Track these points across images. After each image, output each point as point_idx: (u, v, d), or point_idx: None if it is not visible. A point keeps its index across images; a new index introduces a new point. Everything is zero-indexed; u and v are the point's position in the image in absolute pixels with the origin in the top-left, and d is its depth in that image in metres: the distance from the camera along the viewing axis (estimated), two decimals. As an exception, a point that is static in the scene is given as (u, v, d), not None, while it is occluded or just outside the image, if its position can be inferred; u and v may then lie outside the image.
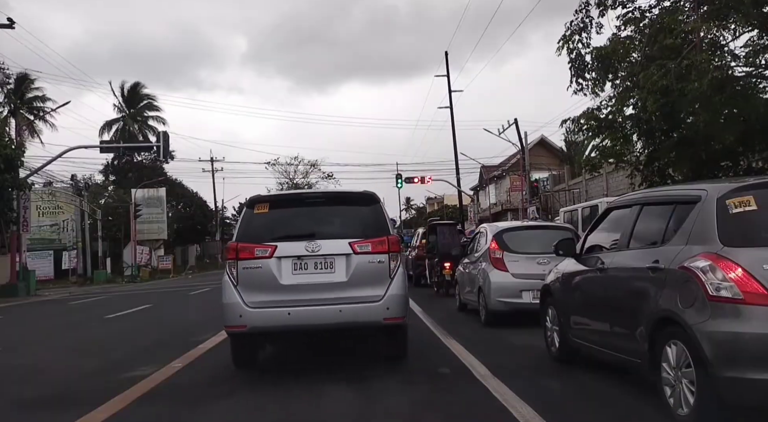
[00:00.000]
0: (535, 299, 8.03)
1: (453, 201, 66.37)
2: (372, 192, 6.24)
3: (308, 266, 5.64)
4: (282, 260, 5.61)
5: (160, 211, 43.95)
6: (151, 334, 9.97)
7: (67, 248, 38.40)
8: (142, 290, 25.68)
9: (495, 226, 9.29)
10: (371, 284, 5.61)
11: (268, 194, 6.85)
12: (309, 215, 6.12)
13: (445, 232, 13.50)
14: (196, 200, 60.56)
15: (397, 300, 5.68)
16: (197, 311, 13.99)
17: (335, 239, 5.69)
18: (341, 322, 5.57)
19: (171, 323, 11.65)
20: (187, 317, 12.59)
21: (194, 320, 11.83)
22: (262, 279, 5.60)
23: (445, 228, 13.66)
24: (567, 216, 13.25)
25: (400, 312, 5.71)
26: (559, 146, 49.20)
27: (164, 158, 30.03)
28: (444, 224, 14.51)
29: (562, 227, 9.10)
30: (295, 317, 5.54)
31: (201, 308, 14.77)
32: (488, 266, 8.52)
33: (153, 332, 10.31)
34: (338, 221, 6.12)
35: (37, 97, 48.84)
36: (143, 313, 14.10)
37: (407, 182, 41.23)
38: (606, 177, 30.59)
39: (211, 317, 12.21)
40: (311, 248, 5.62)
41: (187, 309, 14.69)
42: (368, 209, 6.10)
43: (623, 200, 5.07)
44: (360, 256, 5.63)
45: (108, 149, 26.57)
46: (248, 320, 5.60)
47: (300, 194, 7.54)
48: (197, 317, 12.41)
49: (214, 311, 13.33)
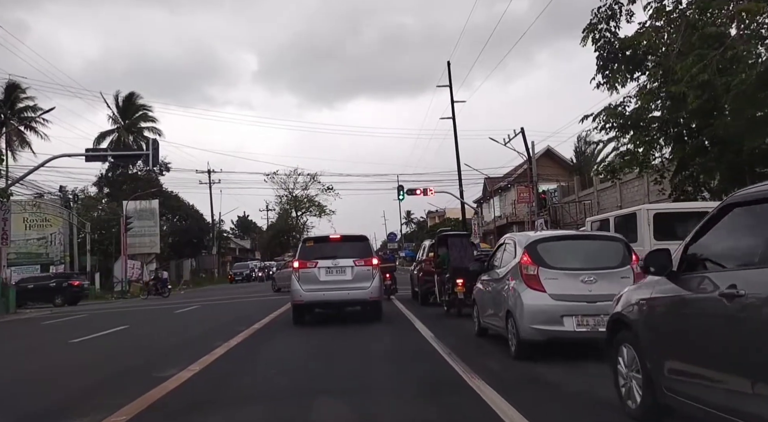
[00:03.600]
0: (580, 327, 6.45)
1: (455, 214, 64.85)
2: (364, 235, 12.70)
3: (333, 272, 11.31)
4: (320, 268, 11.32)
5: (152, 224, 42.32)
6: (106, 366, 8.31)
7: (54, 262, 36.73)
8: (128, 307, 24.01)
9: (525, 236, 7.67)
10: (363, 281, 11.35)
11: (313, 236, 14.88)
12: (333, 246, 11.85)
13: (458, 244, 11.92)
14: (192, 212, 58.92)
15: (376, 289, 11.49)
16: (177, 333, 12.36)
17: (346, 259, 11.39)
18: (349, 299, 11.49)
19: (138, 349, 9.99)
20: (160, 342, 10.95)
21: (167, 346, 10.20)
22: (311, 278, 11.31)
23: (458, 240, 12.08)
24: (595, 226, 11.62)
25: (377, 295, 11.63)
26: (567, 157, 47.88)
27: (154, 167, 28.54)
28: (456, 236, 12.92)
29: (610, 237, 7.48)
30: (326, 296, 11.34)
31: (182, 329, 13.13)
32: (519, 285, 6.92)
33: (111, 362, 8.65)
34: (347, 249, 11.61)
35: (28, 107, 47.50)
36: (114, 336, 12.45)
37: (409, 194, 39.60)
38: (620, 187, 29.05)
39: (190, 340, 10.72)
40: (334, 263, 11.35)
41: (166, 331, 13.05)
42: (362, 244, 12.03)
43: (761, 190, 3.24)
44: (358, 267, 11.37)
45: (94, 158, 25.04)
46: (304, 297, 11.38)
47: (329, 236, 13.01)
48: (173, 341, 10.79)
49: (196, 333, 11.82)
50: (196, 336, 11.30)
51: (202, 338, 10.82)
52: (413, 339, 9.67)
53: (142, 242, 41.60)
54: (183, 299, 26.94)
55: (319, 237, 13.19)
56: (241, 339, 10.06)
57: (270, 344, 9.64)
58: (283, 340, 10.03)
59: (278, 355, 8.49)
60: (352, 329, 11.38)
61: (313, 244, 12.09)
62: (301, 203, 77.87)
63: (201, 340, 10.41)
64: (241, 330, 11.34)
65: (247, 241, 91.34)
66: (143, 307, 23.08)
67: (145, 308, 22.51)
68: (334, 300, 11.46)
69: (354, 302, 11.73)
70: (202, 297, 27.72)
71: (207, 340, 10.14)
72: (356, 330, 11.26)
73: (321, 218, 75.68)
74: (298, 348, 9.11)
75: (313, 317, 12.35)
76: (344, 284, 11.25)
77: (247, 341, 9.91)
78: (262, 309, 16.54)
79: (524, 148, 34.54)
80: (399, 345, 9.21)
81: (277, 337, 10.48)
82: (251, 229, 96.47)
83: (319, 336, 10.54)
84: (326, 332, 11.14)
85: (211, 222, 62.15)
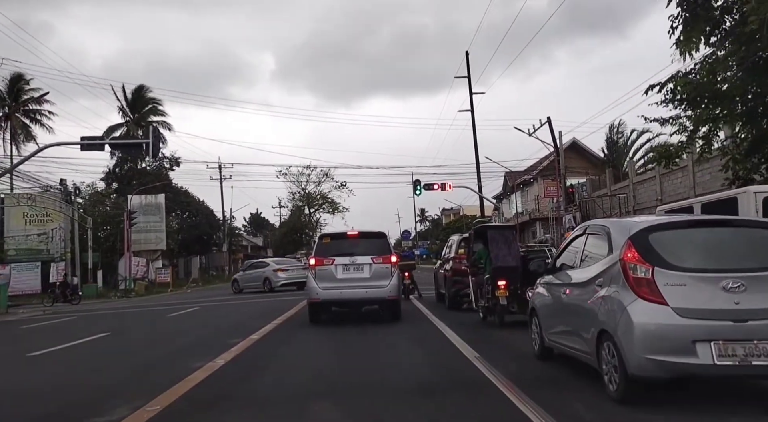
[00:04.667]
0: (722, 359, 4.22)
1: (472, 211, 62.40)
2: (382, 232, 12.23)
3: (351, 269, 11.10)
4: (337, 266, 11.09)
5: (158, 219, 40.42)
6: (41, 399, 6.14)
7: (54, 259, 34.98)
8: (125, 308, 22.07)
9: (626, 222, 5.35)
10: (381, 279, 11.06)
11: (329, 233, 14.16)
12: (350, 243, 11.50)
13: (500, 239, 9.67)
14: (203, 208, 57.07)
15: (395, 287, 11.25)
16: (157, 345, 10.24)
17: (364, 256, 11.15)
18: (366, 298, 11.25)
19: (94, 373, 7.74)
20: (130, 358, 8.78)
21: (134, 366, 8.01)
22: (327, 276, 11.09)
23: (500, 234, 9.81)
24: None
25: (396, 293, 11.42)
26: (594, 150, 45.32)
27: (154, 157, 26.63)
28: (498, 228, 10.60)
29: (755, 223, 5.17)
30: (344, 294, 11.08)
31: (166, 339, 11.04)
32: (622, 294, 4.67)
33: (50, 393, 6.43)
34: (365, 246, 11.33)
35: (33, 98, 45.91)
36: (84, 348, 10.35)
37: (426, 189, 37.19)
38: (660, 180, 26.57)
39: (168, 357, 8.54)
40: (352, 260, 11.10)
41: (146, 341, 10.93)
42: (380, 241, 11.65)
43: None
44: (376, 264, 11.10)
45: (90, 146, 23.02)
46: (320, 296, 11.12)
47: (345, 233, 12.23)
48: (145, 358, 8.64)
49: (179, 345, 9.69)
50: (177, 350, 9.17)
51: (183, 353, 8.72)
52: (450, 356, 7.53)
53: (148, 239, 39.75)
54: (185, 299, 24.98)
55: (336, 234, 12.59)
56: (232, 357, 7.93)
57: (263, 367, 7.47)
58: (282, 362, 7.81)
59: (272, 387, 6.28)
60: (371, 342, 9.25)
61: (329, 241, 11.72)
62: (314, 200, 76.02)
63: (181, 356, 8.31)
64: (234, 342, 9.24)
65: (260, 238, 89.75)
66: (141, 308, 21.10)
67: (142, 309, 20.53)
68: (351, 299, 11.15)
69: (372, 301, 11.40)
70: (206, 297, 25.72)
71: (188, 356, 8.05)
72: (376, 342, 9.11)
73: (334, 215, 73.78)
74: (299, 374, 6.87)
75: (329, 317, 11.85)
76: (362, 282, 10.93)
77: (238, 360, 7.77)
78: (266, 313, 14.46)
79: (551, 139, 32.36)
80: (433, 366, 7.06)
81: (276, 356, 8.31)
82: (264, 226, 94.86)
83: (329, 354, 8.38)
84: (339, 348, 8.99)
85: (222, 218, 60.38)
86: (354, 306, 11.90)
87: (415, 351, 8.22)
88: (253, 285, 26.49)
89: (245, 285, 27.17)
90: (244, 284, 27.29)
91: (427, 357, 7.79)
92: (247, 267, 29.96)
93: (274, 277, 25.33)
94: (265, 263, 27.95)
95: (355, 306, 11.90)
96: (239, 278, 28.43)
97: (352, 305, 11.82)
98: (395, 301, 11.35)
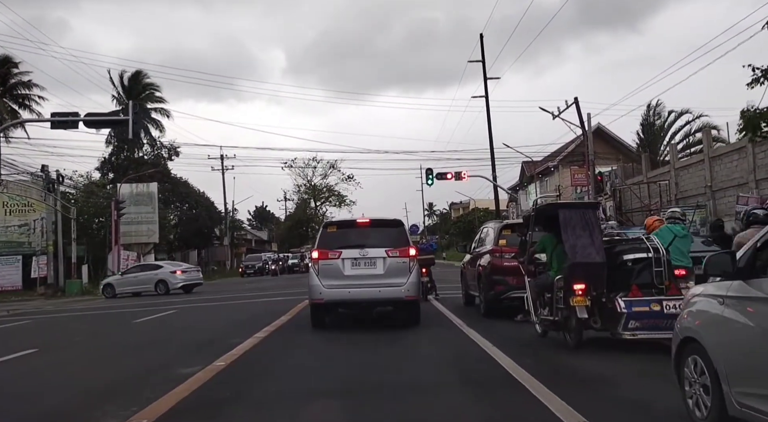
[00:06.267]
0: None
1: (484, 205, 59.05)
2: (399, 219, 10.19)
3: (361, 264, 9.26)
4: (345, 260, 9.26)
5: (150, 209, 37.44)
6: None
7: (36, 253, 32.15)
8: (97, 309, 19.20)
9: None
10: (398, 275, 9.17)
11: (335, 221, 12.54)
12: (361, 233, 9.72)
13: (577, 222, 6.54)
14: (203, 200, 54.22)
15: (413, 286, 9.29)
16: (88, 373, 7.19)
17: (377, 248, 9.27)
18: (380, 298, 9.36)
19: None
20: (23, 402, 5.73)
21: (47, 407, 5.02)
22: (333, 271, 9.24)
23: (579, 215, 6.59)
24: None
25: (415, 293, 9.42)
26: (619, 136, 41.95)
27: (133, 137, 23.65)
28: (575, 207, 7.25)
29: None
30: (353, 294, 9.26)
31: (104, 362, 8.00)
32: None
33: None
34: (378, 237, 9.53)
35: (21, 82, 43.12)
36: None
37: (439, 178, 33.87)
38: (710, 163, 23.30)
39: (85, 396, 5.64)
40: (362, 253, 9.25)
41: (75, 366, 7.81)
42: (396, 230, 9.76)
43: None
44: (391, 258, 9.22)
45: (62, 123, 20.16)
46: (325, 295, 9.25)
47: (355, 220, 10.43)
48: (54, 399, 5.63)
49: (118, 372, 6.76)
50: (99, 390, 6.06)
51: (104, 396, 5.68)
52: (518, 404, 4.51)
53: (139, 231, 36.83)
54: (171, 298, 22.06)
55: (344, 221, 11.03)
56: (169, 407, 4.89)
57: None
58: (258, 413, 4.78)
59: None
60: (391, 366, 6.23)
61: (336, 230, 9.99)
62: (320, 193, 73.34)
63: (98, 401, 5.28)
64: (188, 372, 6.22)
65: (264, 232, 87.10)
66: (109, 310, 18.16)
67: (108, 312, 17.59)
68: (361, 299, 9.50)
69: (386, 302, 9.71)
70: (195, 296, 22.78)
71: (109, 400, 5.04)
72: (398, 366, 6.08)
73: (341, 208, 71.02)
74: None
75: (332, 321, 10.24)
76: (374, 279, 9.21)
77: (190, 402, 4.74)
78: (255, 319, 11.53)
79: (577, 123, 29.25)
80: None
81: (252, 395, 5.27)
82: (269, 220, 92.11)
83: (326, 401, 5.32)
84: (346, 376, 5.96)
85: (224, 211, 57.51)
86: (364, 308, 10.12)
87: (457, 390, 5.22)
88: (139, 289, 25.47)
89: (123, 290, 25.49)
90: (122, 289, 25.55)
91: (480, 402, 4.76)
92: (131, 269, 28.01)
93: (172, 278, 25.26)
94: (158, 266, 27.51)
95: (365, 308, 10.13)
96: (114, 282, 26.35)
97: (363, 307, 10.02)
98: (414, 302, 9.51)
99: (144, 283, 25.62)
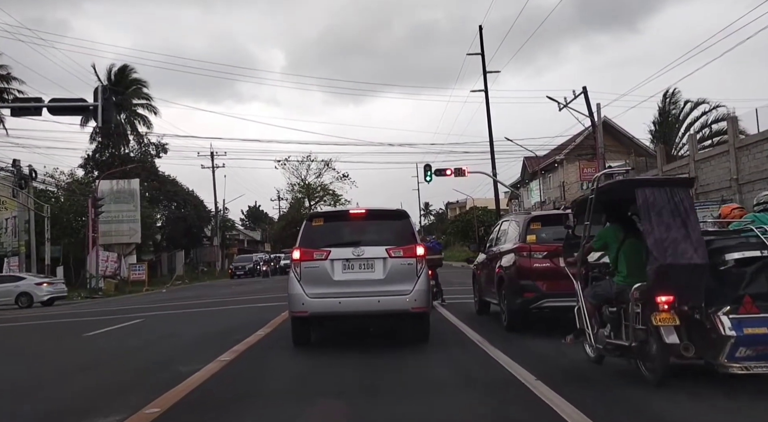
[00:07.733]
0: None
1: (482, 203, 56.79)
2: (403, 210, 8.41)
3: (354, 267, 7.29)
4: (334, 261, 7.27)
5: (132, 208, 35.23)
6: None
7: (7, 254, 29.98)
8: (61, 316, 17.14)
9: None
10: (402, 281, 7.22)
11: (323, 211, 9.72)
12: (355, 226, 7.80)
13: (664, 206, 4.48)
14: (192, 198, 51.99)
15: (422, 294, 7.26)
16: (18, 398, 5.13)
17: (375, 246, 7.33)
18: (379, 310, 7.24)
19: None
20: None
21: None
22: (319, 276, 7.24)
23: (666, 195, 4.54)
24: None
25: (424, 303, 7.34)
26: (627, 130, 40.01)
27: (103, 125, 21.49)
28: (660, 184, 4.97)
29: None
30: (344, 305, 7.19)
31: (37, 387, 5.90)
32: None
33: None
34: (377, 231, 7.66)
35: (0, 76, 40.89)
36: None
37: (438, 174, 31.95)
38: (735, 154, 21.36)
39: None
40: (357, 252, 7.28)
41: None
42: (400, 223, 7.78)
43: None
44: (394, 259, 7.28)
45: (23, 110, 17.99)
46: (309, 307, 7.23)
47: (347, 211, 8.54)
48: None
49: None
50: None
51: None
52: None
53: (120, 230, 34.65)
54: (151, 301, 19.97)
55: (333, 212, 9.57)
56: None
57: None
58: None
59: None
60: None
61: (323, 223, 7.90)
62: (314, 192, 71.29)
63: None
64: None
65: (257, 232, 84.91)
66: (54, 319, 16.08)
67: (54, 321, 15.53)
68: (355, 311, 7.36)
69: (387, 315, 7.48)
70: (176, 300, 20.69)
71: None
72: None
73: (335, 207, 69.00)
74: None
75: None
76: (372, 286, 7.25)
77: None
78: (227, 333, 9.50)
79: (587, 111, 27.41)
80: None
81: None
82: (262, 220, 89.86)
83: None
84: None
85: (214, 210, 55.27)
86: (359, 322, 8.25)
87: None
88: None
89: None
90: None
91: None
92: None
93: (38, 290, 23.72)
94: (20, 277, 25.33)
95: (360, 322, 8.27)
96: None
97: (357, 321, 8.08)
98: (422, 315, 7.53)
99: (2, 295, 23.34)
